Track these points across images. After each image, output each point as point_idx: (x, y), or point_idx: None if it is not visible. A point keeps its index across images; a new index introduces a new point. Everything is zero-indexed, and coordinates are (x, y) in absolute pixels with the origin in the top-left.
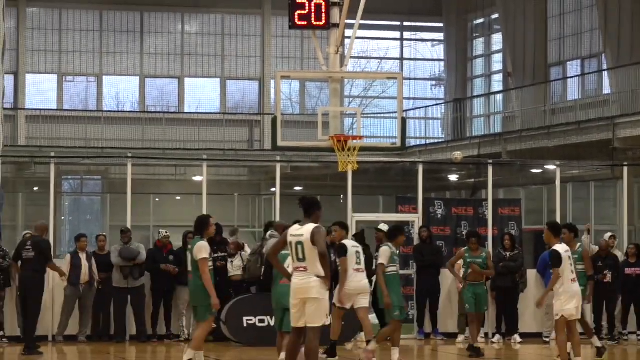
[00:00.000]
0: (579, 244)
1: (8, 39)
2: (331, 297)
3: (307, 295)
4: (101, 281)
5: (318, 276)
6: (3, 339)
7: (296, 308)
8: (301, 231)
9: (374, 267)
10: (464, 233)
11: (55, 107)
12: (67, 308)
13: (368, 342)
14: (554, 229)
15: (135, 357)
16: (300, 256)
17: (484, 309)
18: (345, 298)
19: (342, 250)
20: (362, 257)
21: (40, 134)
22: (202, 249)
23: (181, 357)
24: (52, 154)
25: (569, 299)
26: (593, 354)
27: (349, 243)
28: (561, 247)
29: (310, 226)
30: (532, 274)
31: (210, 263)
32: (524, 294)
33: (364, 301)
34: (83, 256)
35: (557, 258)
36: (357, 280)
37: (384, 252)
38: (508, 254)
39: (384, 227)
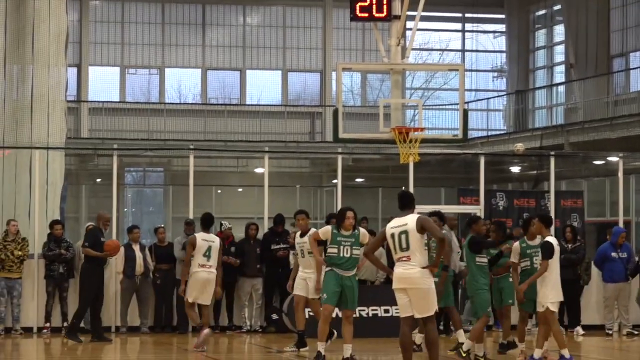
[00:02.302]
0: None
1: (71, 31)
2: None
3: (412, 285)
4: (160, 273)
5: (421, 266)
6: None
7: (402, 299)
8: (404, 221)
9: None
10: None
11: (118, 100)
12: (124, 300)
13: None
14: (546, 221)
15: None
16: (404, 245)
17: (510, 302)
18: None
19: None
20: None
21: (102, 126)
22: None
23: (243, 348)
24: (115, 146)
25: (554, 291)
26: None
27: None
28: (553, 240)
29: (414, 215)
30: (595, 267)
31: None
32: (588, 286)
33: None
34: (136, 248)
35: (549, 250)
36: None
37: (516, 249)
38: (570, 246)
39: None
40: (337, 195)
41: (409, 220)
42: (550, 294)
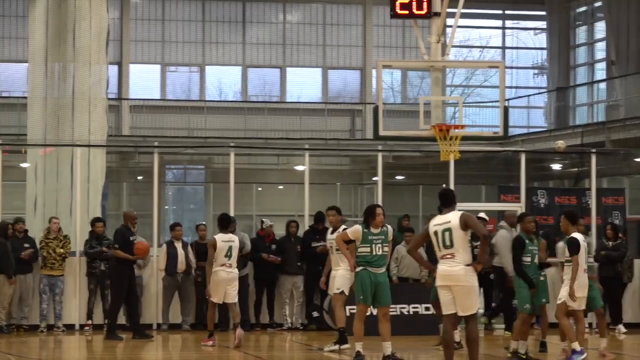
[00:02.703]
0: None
1: (112, 29)
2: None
3: (455, 283)
4: (201, 270)
5: (465, 263)
6: (86, 327)
7: (445, 296)
8: (447, 218)
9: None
10: None
11: (159, 97)
12: (166, 297)
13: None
14: (572, 218)
15: None
16: (448, 243)
17: (543, 301)
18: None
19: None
20: None
21: (143, 123)
22: None
23: (284, 346)
24: (156, 144)
25: (580, 288)
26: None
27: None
28: (580, 236)
29: (457, 213)
30: (638, 264)
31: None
32: (631, 283)
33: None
34: (179, 245)
35: (576, 245)
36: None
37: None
38: (610, 243)
39: (484, 216)
40: (378, 192)
41: (452, 218)
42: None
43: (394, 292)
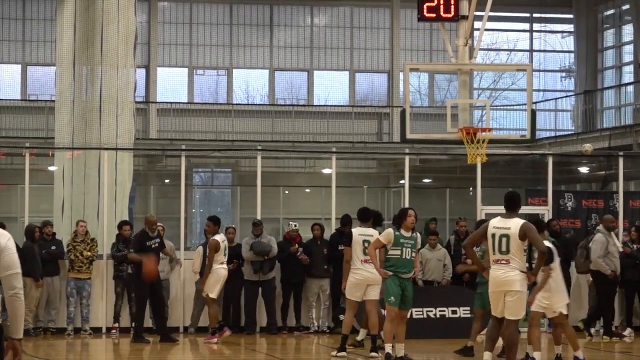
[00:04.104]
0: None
1: (140, 33)
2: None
3: (508, 288)
4: (229, 273)
5: (520, 270)
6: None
7: (496, 300)
8: (508, 224)
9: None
10: (594, 225)
11: (186, 101)
12: (198, 301)
13: (373, 337)
14: (538, 226)
15: (265, 349)
16: (504, 249)
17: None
18: (354, 289)
19: (348, 239)
20: None
21: (171, 127)
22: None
23: (310, 349)
24: (183, 147)
25: (558, 293)
26: None
27: (358, 231)
28: (549, 244)
29: (519, 221)
30: None
31: None
32: None
33: (374, 293)
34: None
35: (550, 253)
36: (367, 271)
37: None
38: (635, 246)
39: None
40: (405, 195)
41: (513, 225)
42: (560, 298)
43: (421, 296)
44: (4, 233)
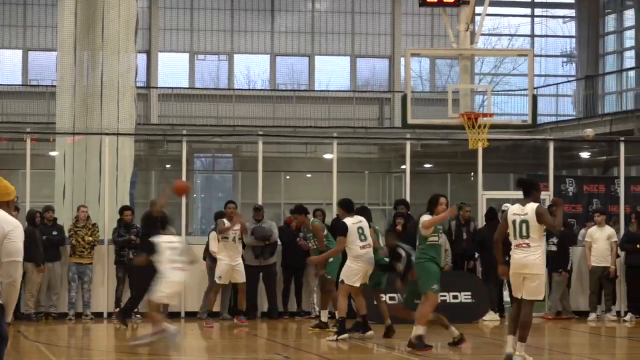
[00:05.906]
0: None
1: (141, 18)
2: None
3: (528, 271)
4: None
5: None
6: (137, 315)
7: (517, 282)
8: (525, 210)
9: None
10: (595, 211)
11: (187, 86)
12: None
13: (364, 317)
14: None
15: (266, 334)
16: (524, 233)
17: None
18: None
19: (342, 229)
20: (367, 232)
21: (172, 112)
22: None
23: (311, 334)
24: (184, 132)
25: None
26: None
27: (349, 220)
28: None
29: (534, 205)
30: None
31: None
32: None
33: (366, 278)
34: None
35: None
36: (368, 257)
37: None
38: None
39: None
40: (406, 181)
41: (529, 210)
42: None
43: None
44: (11, 221)
